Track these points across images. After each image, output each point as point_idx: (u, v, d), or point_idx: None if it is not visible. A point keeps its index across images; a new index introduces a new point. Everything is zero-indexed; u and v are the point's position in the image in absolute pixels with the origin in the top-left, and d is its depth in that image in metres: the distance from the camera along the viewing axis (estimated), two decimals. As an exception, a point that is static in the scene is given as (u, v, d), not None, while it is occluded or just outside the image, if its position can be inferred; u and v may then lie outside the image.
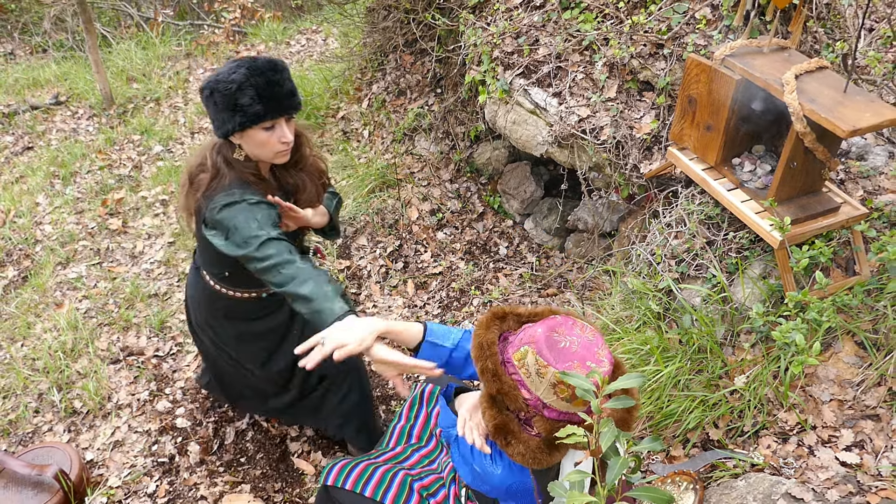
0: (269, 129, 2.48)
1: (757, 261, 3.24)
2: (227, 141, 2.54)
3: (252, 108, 2.40)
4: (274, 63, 2.45)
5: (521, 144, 4.24)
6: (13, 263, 5.04)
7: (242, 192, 2.52)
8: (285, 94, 2.46)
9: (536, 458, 2.00)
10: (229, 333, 3.12)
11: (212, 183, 2.56)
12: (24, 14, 9.08)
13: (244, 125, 2.43)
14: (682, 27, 3.72)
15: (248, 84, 2.37)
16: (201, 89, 2.47)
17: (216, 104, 2.43)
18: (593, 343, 1.97)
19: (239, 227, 2.45)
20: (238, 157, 2.56)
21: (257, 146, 2.52)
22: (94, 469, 3.62)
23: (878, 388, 2.86)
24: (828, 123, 2.62)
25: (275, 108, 2.45)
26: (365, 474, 2.57)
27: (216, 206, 2.50)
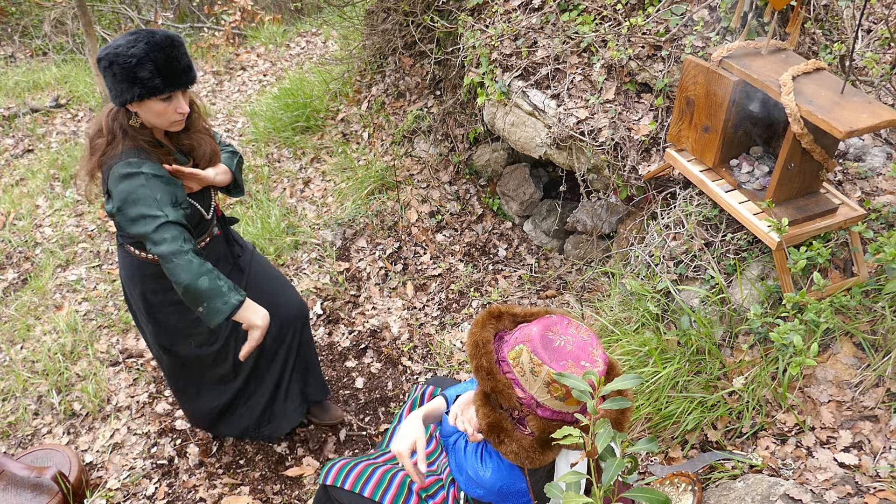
0: (166, 101, 2.58)
1: (755, 262, 3.24)
2: (123, 108, 2.61)
3: (151, 81, 2.49)
4: (172, 38, 2.54)
5: (519, 146, 4.25)
6: (13, 266, 5.04)
7: (140, 161, 2.60)
8: (183, 68, 2.57)
9: (530, 457, 2.00)
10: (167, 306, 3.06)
11: (107, 148, 2.64)
12: (24, 17, 9.09)
13: (143, 96, 2.52)
14: (680, 29, 3.73)
15: (147, 59, 2.46)
16: (99, 59, 2.52)
17: (115, 75, 2.50)
18: (588, 343, 1.97)
19: (137, 202, 2.54)
20: (134, 123, 2.63)
21: (154, 115, 2.61)
22: (94, 471, 3.62)
23: (877, 389, 2.86)
24: (825, 125, 2.62)
25: (173, 82, 2.54)
26: (364, 474, 2.57)
27: (116, 175, 2.57)
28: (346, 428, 3.80)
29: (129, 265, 2.98)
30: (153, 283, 2.97)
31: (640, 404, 3.13)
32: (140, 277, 2.98)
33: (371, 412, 3.89)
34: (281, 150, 5.81)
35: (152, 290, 3.00)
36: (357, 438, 3.76)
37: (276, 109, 6.07)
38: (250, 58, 7.80)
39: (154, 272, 2.93)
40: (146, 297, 3.02)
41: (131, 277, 3.02)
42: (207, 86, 7.32)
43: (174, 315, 3.07)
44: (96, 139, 2.67)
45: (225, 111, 6.74)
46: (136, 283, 3.01)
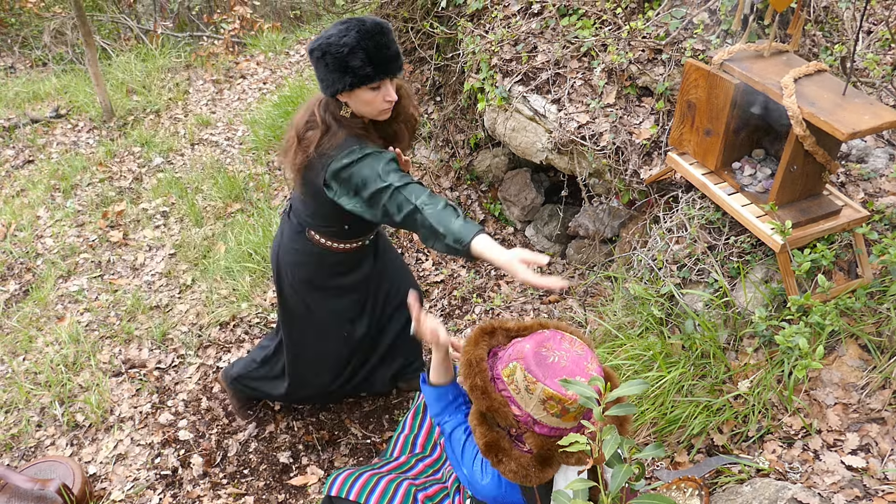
0: (375, 89, 2.57)
1: (759, 265, 3.23)
2: (333, 98, 2.63)
3: (363, 70, 2.49)
4: (381, 25, 2.52)
5: (520, 151, 4.24)
6: (14, 277, 5.04)
7: (361, 147, 2.60)
8: (392, 55, 2.56)
9: (528, 476, 1.99)
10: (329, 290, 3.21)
11: (323, 139, 2.64)
12: (23, 28, 9.10)
13: (354, 85, 2.53)
14: (681, 32, 3.72)
15: (359, 47, 2.46)
16: (311, 50, 2.54)
17: (327, 65, 2.51)
18: (582, 357, 1.96)
19: (367, 184, 2.53)
20: (345, 113, 2.65)
21: (363, 104, 2.62)
22: (97, 483, 3.61)
23: (883, 391, 2.85)
24: (827, 126, 2.62)
25: (383, 70, 2.54)
26: (369, 484, 2.56)
27: (340, 166, 2.57)
28: (350, 437, 3.80)
29: (304, 251, 3.08)
30: (327, 270, 3.12)
31: (645, 409, 3.12)
32: (315, 265, 3.10)
33: (375, 420, 3.87)
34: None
35: (322, 277, 3.14)
36: (361, 447, 3.75)
37: (277, 117, 6.06)
38: (250, 66, 7.80)
39: (332, 261, 3.08)
40: (312, 282, 3.16)
41: (301, 263, 3.13)
42: (207, 94, 7.32)
43: (332, 301, 3.23)
44: (307, 131, 2.69)
45: (225, 119, 6.73)
46: (305, 268, 3.13)
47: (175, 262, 4.99)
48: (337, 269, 3.15)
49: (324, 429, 3.82)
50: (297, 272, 3.18)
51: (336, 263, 3.11)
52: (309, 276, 3.16)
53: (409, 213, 2.46)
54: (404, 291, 3.39)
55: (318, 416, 3.87)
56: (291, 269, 3.19)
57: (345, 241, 3.03)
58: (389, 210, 2.51)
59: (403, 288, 3.43)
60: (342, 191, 2.62)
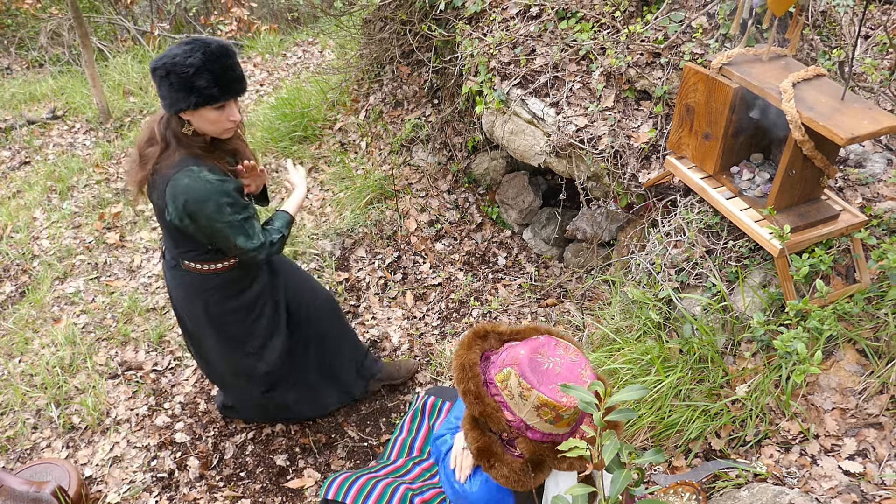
0: (219, 109, 2.64)
1: (757, 269, 3.23)
2: (175, 115, 2.65)
3: (209, 90, 2.54)
4: (226, 48, 2.59)
5: (518, 154, 4.24)
6: (10, 279, 5.02)
7: (199, 168, 2.67)
8: (237, 77, 2.63)
9: (520, 481, 1.99)
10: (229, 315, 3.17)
11: (161, 156, 2.69)
12: (20, 29, 9.08)
13: (199, 105, 2.58)
14: (679, 36, 3.73)
15: (205, 69, 2.52)
16: (154, 68, 2.56)
17: (171, 84, 2.54)
18: (576, 364, 1.96)
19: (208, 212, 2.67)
20: (186, 131, 2.68)
21: (207, 123, 2.67)
22: (93, 485, 3.60)
23: (881, 396, 2.85)
24: (826, 131, 2.62)
25: (228, 90, 2.61)
26: (366, 488, 2.56)
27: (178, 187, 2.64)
28: (348, 440, 3.79)
29: (189, 283, 3.05)
30: (216, 294, 3.08)
31: (642, 413, 3.12)
32: (201, 291, 3.06)
33: (372, 423, 3.87)
34: (278, 159, 5.80)
35: (215, 302, 3.10)
36: (358, 450, 3.74)
37: (274, 119, 6.06)
38: (247, 68, 7.79)
39: (216, 283, 3.04)
40: (209, 309, 3.11)
41: (191, 295, 3.10)
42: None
43: (234, 323, 3.19)
44: (147, 148, 2.72)
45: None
46: (196, 298, 3.09)
47: (172, 264, 4.98)
48: (225, 293, 3.09)
49: (321, 432, 3.81)
50: (190, 305, 3.15)
51: (221, 286, 3.05)
52: (203, 304, 3.10)
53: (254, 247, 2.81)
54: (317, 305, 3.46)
55: (315, 418, 3.87)
56: (184, 305, 3.18)
57: (217, 261, 2.98)
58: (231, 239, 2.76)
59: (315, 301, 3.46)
60: (178, 213, 2.69)
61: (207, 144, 2.75)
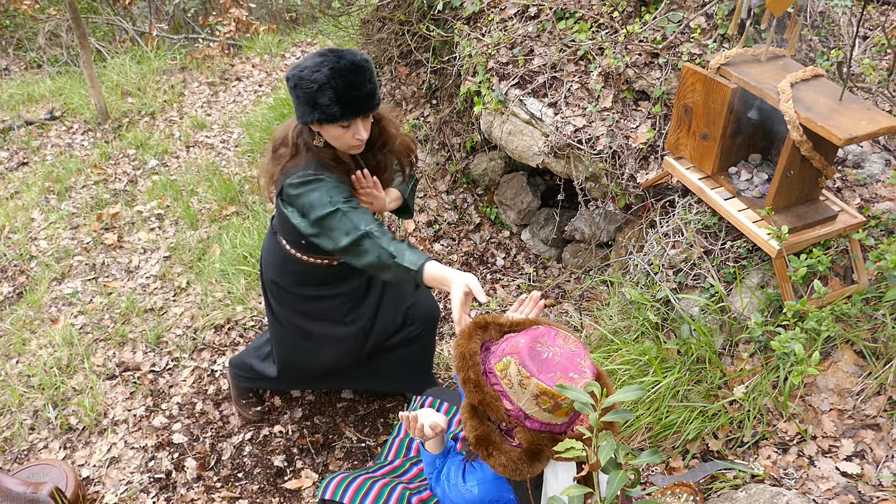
0: (345, 127, 2.57)
1: (755, 270, 3.23)
2: (306, 126, 2.64)
3: (330, 108, 2.48)
4: (357, 65, 2.49)
5: (517, 155, 4.24)
6: (8, 279, 5.02)
7: (316, 172, 2.64)
8: (364, 96, 2.53)
9: (518, 470, 1.99)
10: (298, 296, 3.22)
11: (290, 161, 2.69)
12: (18, 30, 9.08)
13: (321, 121, 2.53)
14: (677, 36, 3.73)
15: (328, 86, 2.44)
16: (287, 78, 2.54)
17: (298, 97, 2.53)
18: (576, 354, 1.96)
19: (314, 206, 2.59)
20: (318, 143, 2.66)
21: (333, 139, 2.63)
22: (91, 486, 3.59)
23: (878, 397, 2.85)
24: (824, 132, 2.62)
25: (352, 110, 2.52)
26: (363, 488, 2.55)
27: (291, 184, 2.63)
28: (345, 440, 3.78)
29: (274, 252, 3.14)
30: (289, 277, 3.14)
31: (640, 414, 3.11)
32: (279, 268, 3.14)
33: (370, 424, 3.86)
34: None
35: (289, 283, 3.16)
36: (356, 450, 3.74)
37: (272, 120, 6.05)
38: (245, 68, 7.79)
39: (294, 269, 3.09)
40: (277, 284, 3.21)
41: (270, 263, 3.19)
42: (202, 97, 7.31)
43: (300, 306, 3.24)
44: (280, 148, 2.74)
45: (220, 122, 6.72)
46: (272, 269, 3.19)
47: (170, 265, 4.97)
48: (300, 279, 3.14)
49: (318, 432, 3.81)
50: (267, 270, 3.24)
51: (297, 273, 3.11)
52: (274, 277, 3.20)
53: (356, 239, 2.52)
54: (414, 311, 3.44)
55: (313, 419, 3.86)
56: (265, 266, 3.27)
57: (307, 253, 3.01)
58: (334, 235, 2.57)
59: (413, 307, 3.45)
60: (291, 207, 2.69)
61: (337, 156, 2.72)
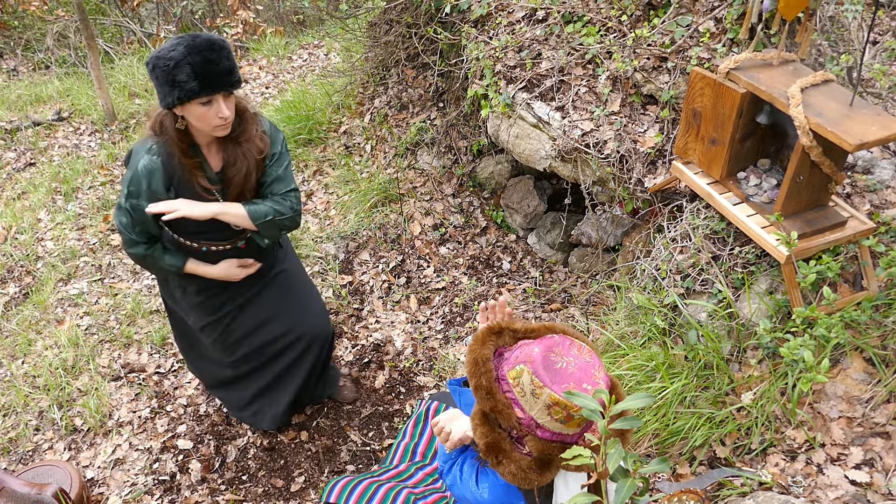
0: (206, 104, 2.61)
1: (763, 276, 3.21)
2: (170, 111, 2.69)
3: (188, 84, 2.53)
4: (212, 41, 2.57)
5: (524, 159, 4.23)
6: (14, 280, 5.02)
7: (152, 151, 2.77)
8: (222, 71, 2.58)
9: (527, 478, 1.97)
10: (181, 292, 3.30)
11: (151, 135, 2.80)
12: (26, 31, 9.10)
13: (181, 99, 2.57)
14: (686, 40, 3.71)
15: (185, 62, 2.51)
16: (146, 63, 2.60)
17: (157, 78, 2.58)
18: (590, 364, 1.94)
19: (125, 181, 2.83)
20: (179, 126, 2.71)
21: (196, 119, 2.66)
22: (95, 487, 3.59)
23: (888, 405, 2.83)
24: (834, 137, 2.60)
25: (210, 84, 2.57)
26: (368, 492, 2.54)
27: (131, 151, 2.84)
28: (350, 443, 3.77)
29: None
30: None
31: (647, 420, 3.10)
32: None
33: (375, 427, 3.85)
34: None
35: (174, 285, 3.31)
36: (361, 454, 3.73)
37: (279, 122, 6.05)
38: (252, 70, 7.79)
39: None
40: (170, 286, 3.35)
41: None
42: (210, 98, 7.32)
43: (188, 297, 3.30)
44: (148, 121, 2.82)
45: (227, 124, 6.72)
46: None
47: (175, 267, 4.97)
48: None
49: (323, 435, 3.80)
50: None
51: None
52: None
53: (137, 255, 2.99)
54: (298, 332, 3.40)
55: (318, 422, 3.85)
56: None
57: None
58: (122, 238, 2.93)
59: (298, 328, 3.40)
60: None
61: (191, 147, 2.78)
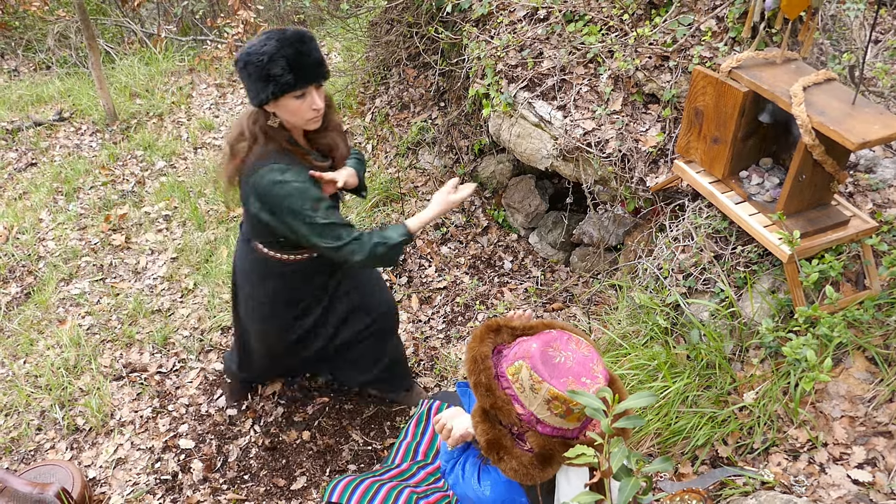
0: (300, 98, 2.61)
1: (766, 275, 3.21)
2: (262, 110, 2.67)
3: (283, 77, 2.53)
4: (302, 34, 2.57)
5: (525, 158, 4.22)
6: (16, 280, 5.02)
7: (285, 167, 2.67)
8: (314, 63, 2.60)
9: (529, 474, 1.97)
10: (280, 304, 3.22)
11: (250, 151, 2.70)
12: (27, 31, 9.09)
13: (276, 94, 2.56)
14: (688, 39, 3.71)
15: (278, 55, 2.50)
16: (236, 61, 2.60)
17: (250, 75, 2.56)
18: (588, 358, 1.94)
19: (292, 210, 2.67)
20: (272, 124, 2.69)
21: (290, 114, 2.65)
22: (97, 487, 3.59)
23: (890, 404, 2.82)
24: (837, 136, 2.60)
25: (304, 76, 2.57)
26: (370, 491, 2.54)
27: (265, 182, 2.67)
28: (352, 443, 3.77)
29: (253, 261, 3.12)
30: (276, 281, 3.13)
31: (649, 419, 3.09)
32: (263, 273, 3.13)
33: (377, 426, 3.85)
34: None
35: (272, 286, 3.15)
36: (363, 453, 3.72)
37: (280, 122, 6.04)
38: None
39: (278, 271, 3.09)
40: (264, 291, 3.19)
41: (250, 271, 3.18)
42: (210, 98, 7.31)
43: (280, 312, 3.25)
44: (237, 144, 2.74)
45: (228, 124, 6.72)
46: (255, 276, 3.17)
47: (177, 266, 4.97)
48: (283, 281, 3.14)
49: (325, 435, 3.80)
50: (246, 279, 3.23)
51: (282, 274, 3.11)
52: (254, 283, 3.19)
53: (338, 246, 2.72)
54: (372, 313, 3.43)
55: (320, 421, 3.85)
56: (241, 276, 3.27)
57: (286, 252, 3.02)
58: (312, 241, 2.72)
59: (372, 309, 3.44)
60: (260, 206, 2.73)
61: (294, 138, 2.77)
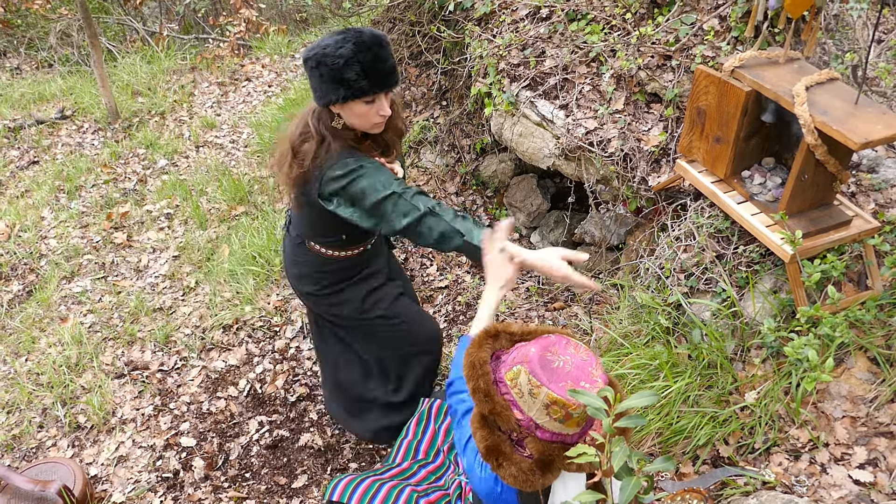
0: (369, 103, 2.55)
1: (768, 275, 3.21)
2: (327, 109, 2.61)
3: (357, 83, 2.46)
4: (380, 38, 2.49)
5: (527, 157, 4.22)
6: (18, 278, 5.02)
7: (356, 160, 2.60)
8: (389, 69, 2.53)
9: (528, 480, 1.96)
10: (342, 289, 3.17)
11: (318, 151, 2.62)
12: (29, 29, 9.10)
13: (347, 98, 2.50)
14: (690, 38, 3.70)
15: (355, 60, 2.43)
16: (306, 59, 2.51)
17: (321, 76, 2.49)
18: (587, 363, 1.93)
19: (367, 193, 2.55)
20: (336, 125, 2.62)
21: (356, 117, 2.60)
22: (98, 485, 3.59)
23: (892, 404, 2.82)
24: (839, 136, 2.59)
25: (378, 83, 2.51)
26: (371, 490, 2.54)
27: (335, 177, 2.59)
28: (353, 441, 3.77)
29: (306, 262, 3.10)
30: (330, 276, 3.10)
31: (650, 419, 3.09)
32: (318, 273, 3.09)
33: (378, 426, 3.85)
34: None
35: (329, 282, 3.12)
36: (363, 452, 3.73)
37: (282, 120, 6.05)
38: (255, 68, 7.79)
39: (335, 267, 3.07)
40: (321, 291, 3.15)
41: (304, 275, 3.14)
42: (212, 97, 7.31)
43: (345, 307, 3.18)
44: (302, 144, 2.66)
45: (230, 122, 6.73)
46: (309, 279, 3.13)
47: (179, 265, 4.97)
48: (341, 275, 3.12)
49: (326, 433, 3.80)
50: (303, 285, 3.18)
51: (339, 270, 3.09)
52: (315, 286, 3.14)
53: (416, 219, 2.50)
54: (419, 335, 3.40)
55: (321, 420, 3.85)
56: (297, 283, 3.20)
57: (344, 249, 3.02)
58: (391, 217, 2.55)
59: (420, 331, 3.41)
60: (339, 201, 2.63)
61: (359, 137, 2.70)
